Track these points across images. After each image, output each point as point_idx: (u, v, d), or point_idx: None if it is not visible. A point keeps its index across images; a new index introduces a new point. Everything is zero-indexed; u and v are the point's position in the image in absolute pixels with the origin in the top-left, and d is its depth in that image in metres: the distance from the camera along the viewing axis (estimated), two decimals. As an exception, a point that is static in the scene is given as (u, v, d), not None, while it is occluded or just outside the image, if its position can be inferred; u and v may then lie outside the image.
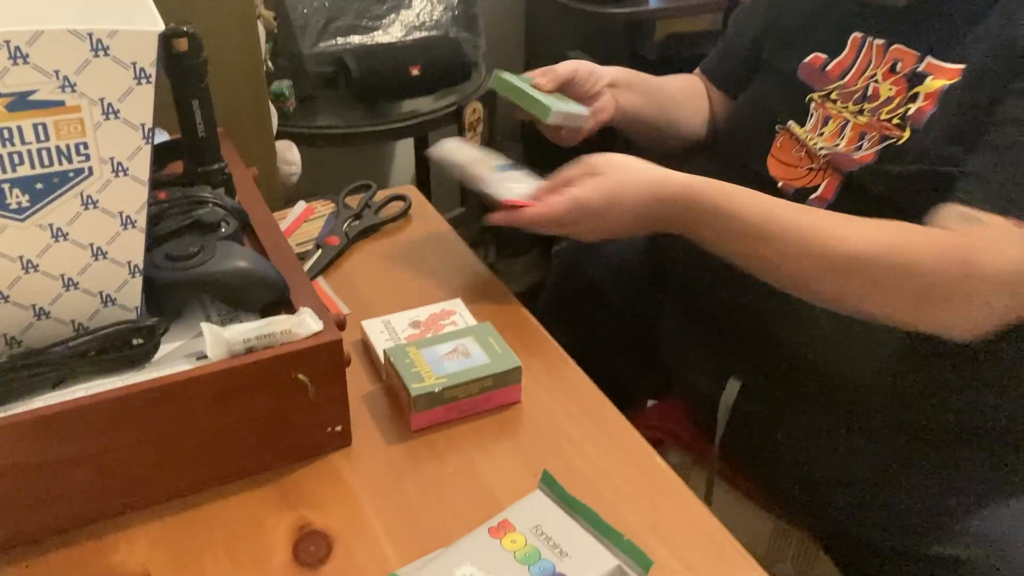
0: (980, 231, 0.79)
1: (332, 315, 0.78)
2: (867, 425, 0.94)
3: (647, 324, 1.20)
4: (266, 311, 0.81)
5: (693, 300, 1.11)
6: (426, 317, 0.94)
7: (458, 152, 1.05)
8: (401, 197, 1.18)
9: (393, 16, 1.89)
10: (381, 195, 1.18)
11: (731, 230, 0.87)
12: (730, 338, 1.05)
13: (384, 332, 0.92)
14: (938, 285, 0.79)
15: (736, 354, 1.04)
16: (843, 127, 0.97)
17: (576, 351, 0.95)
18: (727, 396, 1.04)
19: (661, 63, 2.00)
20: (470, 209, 2.03)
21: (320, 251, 1.07)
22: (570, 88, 1.11)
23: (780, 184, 1.00)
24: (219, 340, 0.73)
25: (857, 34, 1.00)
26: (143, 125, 0.68)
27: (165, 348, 0.77)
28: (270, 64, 1.51)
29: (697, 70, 1.27)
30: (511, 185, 0.98)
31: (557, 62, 1.11)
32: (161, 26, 0.65)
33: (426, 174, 2.22)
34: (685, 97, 1.23)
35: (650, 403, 1.32)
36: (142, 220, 0.72)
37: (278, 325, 0.75)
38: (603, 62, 1.98)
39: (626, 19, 1.95)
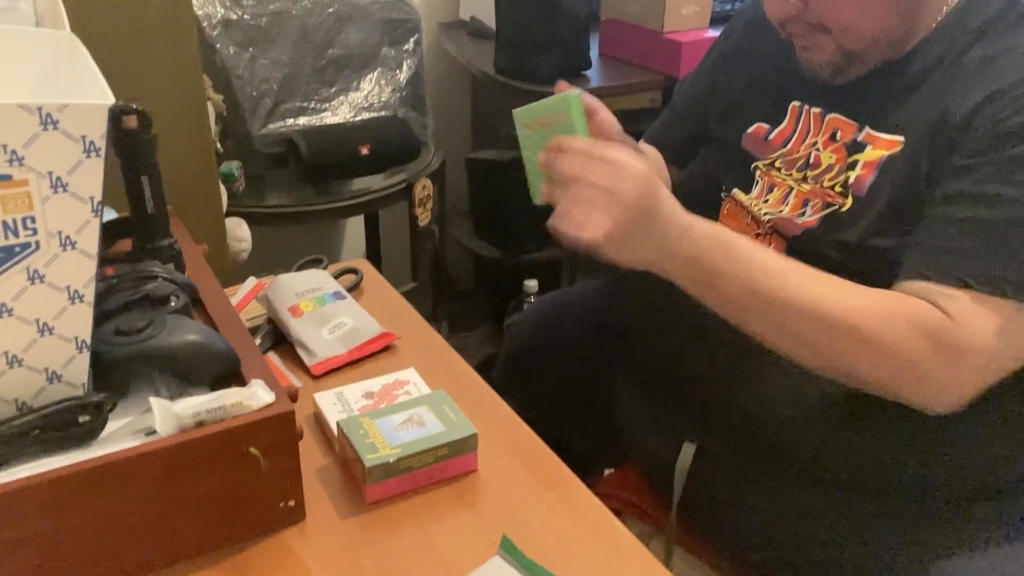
0: (953, 308, 0.81)
1: (284, 387, 0.77)
2: (821, 484, 0.94)
3: (602, 392, 1.20)
4: (217, 385, 0.80)
5: (646, 366, 1.11)
6: (379, 388, 0.94)
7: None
8: (353, 270, 1.18)
9: (342, 98, 1.92)
10: (333, 269, 1.18)
11: (730, 272, 0.84)
12: (683, 402, 1.05)
13: (337, 404, 0.91)
14: (917, 365, 0.81)
15: (690, 418, 1.04)
16: (787, 194, 0.99)
17: (531, 421, 0.94)
18: (683, 460, 1.03)
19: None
20: (422, 284, 2.04)
21: (272, 325, 1.06)
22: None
23: None
24: (168, 415, 0.71)
25: (795, 103, 1.02)
26: (92, 198, 0.68)
27: (113, 425, 0.75)
28: (219, 146, 1.52)
29: (642, 141, 1.27)
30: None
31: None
32: (111, 99, 0.66)
33: (377, 250, 2.23)
34: (660, 167, 1.24)
35: (607, 472, 1.32)
36: (90, 294, 0.71)
37: (229, 398, 0.74)
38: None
39: (571, 98, 1.99)
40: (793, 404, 0.94)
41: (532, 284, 2.05)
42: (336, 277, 1.16)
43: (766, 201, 1.00)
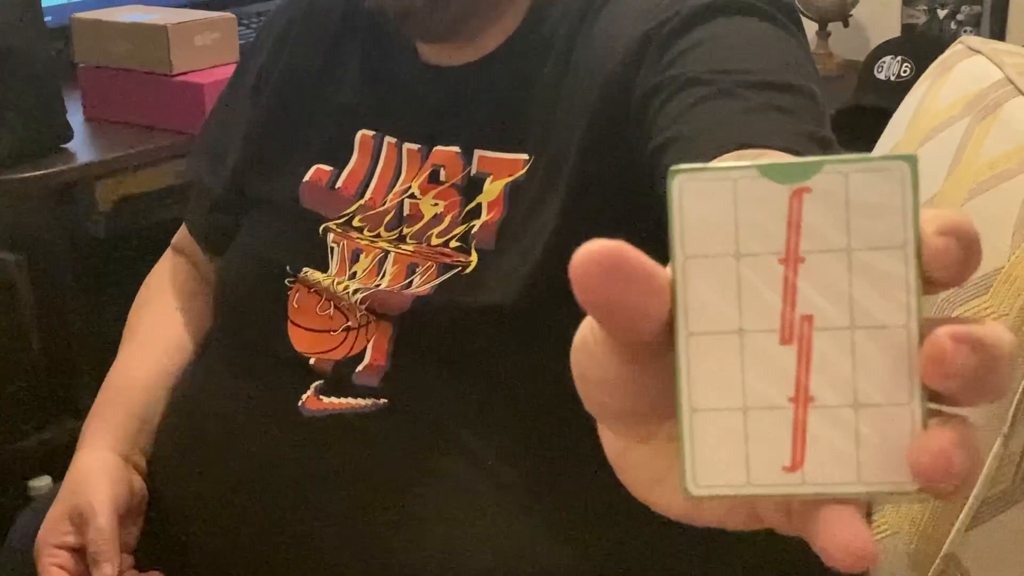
0: None
1: None
2: None
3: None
4: None
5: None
6: None
7: None
8: None
9: None
10: None
11: None
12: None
13: None
14: None
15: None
16: (382, 260, 0.82)
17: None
18: None
19: (117, 240, 1.52)
20: None
21: None
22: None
23: (312, 361, 0.81)
24: None
25: (366, 132, 0.85)
26: None
27: None
28: None
29: (183, 229, 1.01)
30: None
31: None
32: None
33: None
34: (174, 322, 0.96)
35: None
36: None
37: None
38: (38, 266, 1.48)
39: (51, 187, 1.46)
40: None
41: (42, 483, 1.45)
42: None
43: (352, 275, 0.82)
